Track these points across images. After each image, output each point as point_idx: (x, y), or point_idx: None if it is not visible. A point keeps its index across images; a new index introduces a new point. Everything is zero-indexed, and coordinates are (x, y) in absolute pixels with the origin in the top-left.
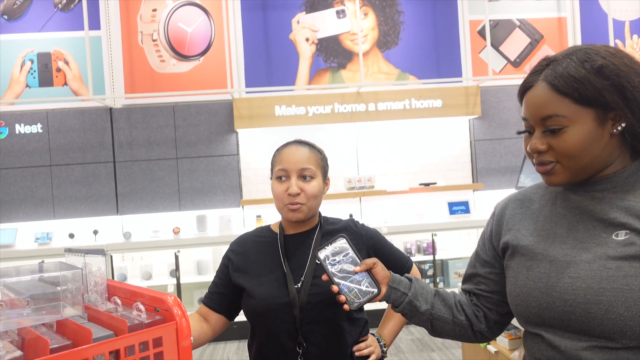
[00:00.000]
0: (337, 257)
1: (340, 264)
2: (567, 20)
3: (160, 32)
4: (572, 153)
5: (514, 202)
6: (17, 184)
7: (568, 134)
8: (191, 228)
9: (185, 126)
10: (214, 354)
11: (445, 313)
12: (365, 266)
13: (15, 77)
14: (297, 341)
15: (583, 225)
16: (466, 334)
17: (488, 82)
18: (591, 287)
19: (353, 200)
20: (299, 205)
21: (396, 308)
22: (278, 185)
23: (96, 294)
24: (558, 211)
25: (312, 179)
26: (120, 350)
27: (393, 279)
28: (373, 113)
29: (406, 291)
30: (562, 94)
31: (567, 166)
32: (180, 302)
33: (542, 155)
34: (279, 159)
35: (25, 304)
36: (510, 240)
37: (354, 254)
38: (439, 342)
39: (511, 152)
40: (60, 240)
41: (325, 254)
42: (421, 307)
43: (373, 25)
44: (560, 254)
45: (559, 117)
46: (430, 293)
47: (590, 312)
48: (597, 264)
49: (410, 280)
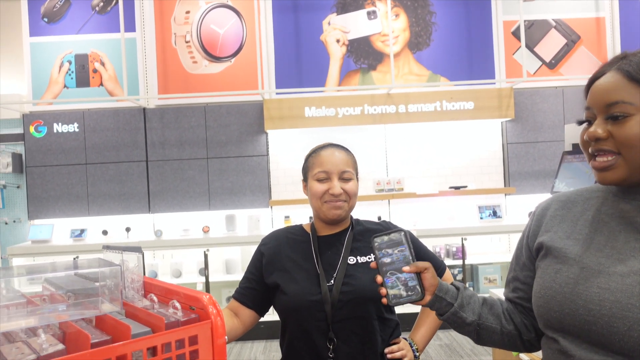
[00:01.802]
0: (391, 250)
1: (392, 257)
2: (605, 20)
3: (193, 33)
4: (634, 143)
5: (556, 202)
6: (54, 181)
7: (633, 121)
8: (220, 227)
9: (216, 126)
10: (242, 353)
11: (494, 323)
12: (416, 268)
13: (54, 77)
14: (328, 337)
15: (624, 236)
16: (515, 344)
17: (522, 84)
18: (619, 301)
19: (382, 203)
20: (342, 203)
21: (441, 316)
22: (319, 185)
23: (133, 291)
24: (601, 217)
25: (350, 180)
26: (157, 346)
27: (440, 288)
28: (403, 115)
29: (452, 301)
30: (634, 80)
31: (628, 159)
32: (215, 301)
33: (599, 143)
34: (317, 161)
35: (65, 299)
36: (545, 240)
37: (409, 252)
38: (468, 348)
39: (545, 156)
40: (94, 236)
41: (380, 243)
42: (467, 318)
43: (404, 26)
44: (593, 261)
45: (625, 103)
46: (478, 303)
47: (613, 326)
48: (631, 278)
49: (458, 289)
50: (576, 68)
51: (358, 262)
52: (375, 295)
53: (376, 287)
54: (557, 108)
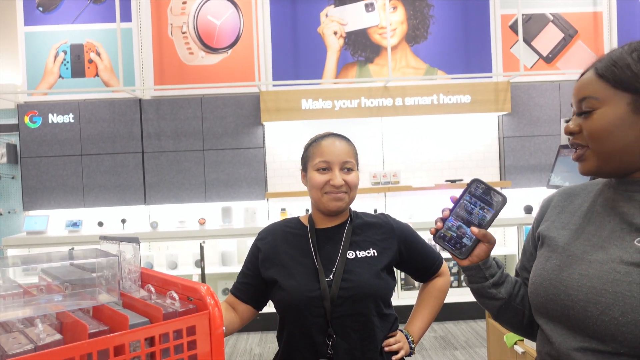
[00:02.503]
0: (479, 203)
1: (474, 209)
2: (602, 15)
3: (189, 24)
4: (598, 135)
5: (560, 195)
6: (49, 172)
7: (597, 114)
8: (216, 219)
9: (212, 118)
10: (237, 344)
11: (520, 305)
12: (481, 235)
13: (49, 67)
14: (327, 334)
15: (612, 226)
16: (533, 330)
17: (519, 78)
18: (594, 287)
19: (378, 196)
20: (342, 194)
21: (470, 284)
22: (319, 176)
23: (130, 281)
24: (595, 208)
25: (352, 171)
26: (155, 337)
27: (485, 262)
28: (400, 108)
29: (489, 277)
30: (600, 76)
31: (595, 150)
32: (213, 292)
33: (574, 137)
34: (318, 151)
35: (62, 289)
36: (543, 230)
37: (490, 217)
38: (463, 340)
39: (541, 150)
40: (89, 228)
41: (476, 190)
42: (498, 294)
43: (402, 19)
44: (579, 249)
45: (592, 98)
46: (511, 283)
47: (587, 310)
48: (609, 265)
49: (500, 268)
50: (573, 62)
51: (357, 256)
52: (374, 292)
53: (376, 283)
54: (554, 102)
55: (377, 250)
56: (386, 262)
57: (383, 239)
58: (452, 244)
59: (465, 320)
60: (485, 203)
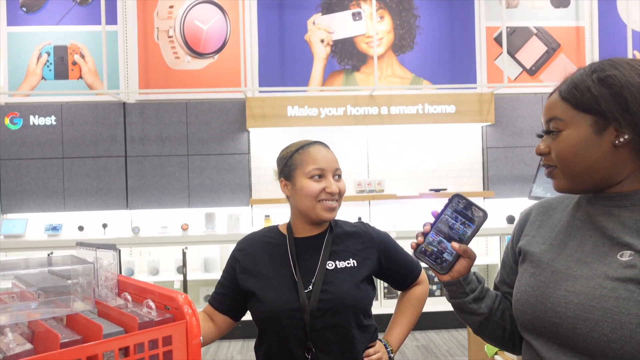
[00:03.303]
0: (459, 218)
1: (455, 224)
2: (585, 29)
3: (176, 28)
4: (564, 156)
5: (538, 208)
6: (29, 175)
7: (562, 136)
8: (199, 225)
9: (197, 123)
10: (218, 353)
11: (501, 320)
12: (462, 250)
13: (31, 68)
14: (306, 347)
15: (593, 241)
16: (514, 343)
17: (502, 90)
18: (582, 304)
19: (362, 204)
20: (335, 203)
21: (450, 299)
22: (314, 184)
23: (106, 289)
24: (575, 223)
25: (341, 179)
26: (130, 347)
27: (465, 277)
28: (385, 117)
29: (469, 292)
30: (564, 98)
31: (563, 170)
32: (190, 301)
33: (545, 158)
34: (309, 158)
35: (35, 297)
36: (524, 245)
37: (471, 233)
38: (444, 349)
39: (524, 161)
40: (69, 232)
41: (457, 205)
42: (479, 309)
43: (389, 29)
44: (564, 265)
45: (557, 119)
46: (492, 298)
47: (577, 327)
48: (594, 281)
49: (480, 283)
50: (556, 75)
51: (337, 267)
52: (354, 303)
53: (355, 295)
54: (537, 114)
55: (357, 260)
56: (366, 273)
57: (363, 248)
58: (433, 259)
59: (448, 330)
60: (466, 218)
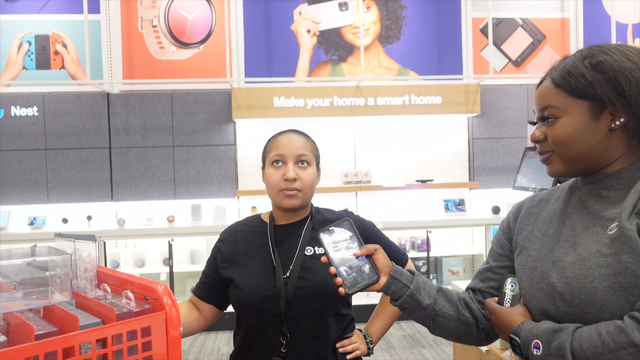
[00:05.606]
0: (340, 241)
1: (342, 247)
2: (570, 21)
3: (160, 18)
4: (562, 142)
5: (530, 201)
6: (11, 167)
7: (559, 123)
8: (186, 217)
9: (183, 114)
10: (205, 344)
11: (450, 309)
12: (366, 250)
13: (12, 58)
14: (281, 332)
15: (584, 224)
16: (470, 333)
17: (488, 81)
18: (585, 287)
19: (349, 195)
20: (295, 192)
21: (396, 302)
22: (274, 171)
23: (85, 281)
24: (568, 211)
25: (308, 166)
26: (107, 338)
27: (395, 270)
28: (372, 108)
29: (408, 283)
30: (558, 86)
31: (561, 155)
32: (170, 292)
33: (540, 145)
34: (274, 145)
35: (12, 288)
36: (521, 240)
37: (356, 238)
38: (430, 338)
39: (509, 152)
40: (53, 224)
41: (328, 236)
42: (424, 301)
43: (375, 19)
44: (560, 253)
45: (552, 107)
46: (433, 288)
47: (587, 312)
48: (591, 261)
49: (413, 274)
50: (541, 67)
51: (316, 252)
52: (332, 291)
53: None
54: (522, 105)
55: None
56: None
57: None
58: (362, 280)
59: None
60: (341, 234)
